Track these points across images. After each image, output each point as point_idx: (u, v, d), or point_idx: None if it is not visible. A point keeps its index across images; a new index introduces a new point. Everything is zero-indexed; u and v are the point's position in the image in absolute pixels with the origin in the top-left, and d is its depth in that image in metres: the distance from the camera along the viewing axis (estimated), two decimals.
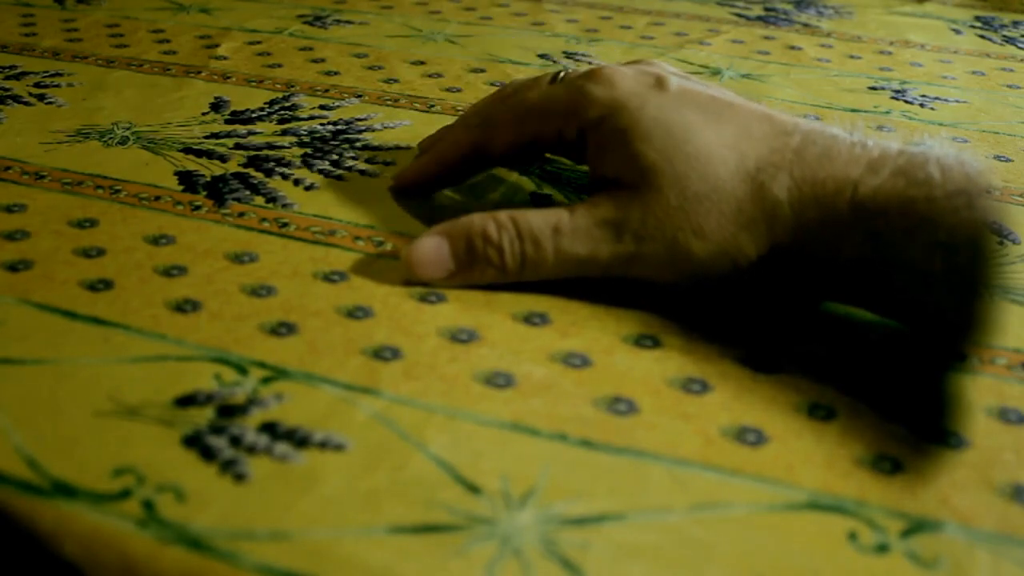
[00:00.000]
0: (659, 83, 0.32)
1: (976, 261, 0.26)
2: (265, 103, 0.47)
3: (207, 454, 0.25)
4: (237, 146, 0.42)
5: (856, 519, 0.24)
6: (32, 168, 0.40)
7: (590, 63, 0.54)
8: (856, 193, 0.28)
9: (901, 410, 0.28)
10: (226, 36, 0.56)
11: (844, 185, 0.28)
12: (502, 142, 0.34)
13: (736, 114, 0.31)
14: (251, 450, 0.25)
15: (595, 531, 0.23)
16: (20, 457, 0.25)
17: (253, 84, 0.49)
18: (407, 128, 0.44)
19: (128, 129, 0.43)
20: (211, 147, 0.42)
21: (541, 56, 0.55)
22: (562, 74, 0.36)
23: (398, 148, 0.42)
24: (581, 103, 0.32)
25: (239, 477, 0.24)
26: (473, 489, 0.24)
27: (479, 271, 0.31)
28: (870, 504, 0.24)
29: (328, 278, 0.33)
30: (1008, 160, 0.44)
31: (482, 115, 0.35)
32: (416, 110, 0.46)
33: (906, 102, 0.50)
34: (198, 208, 0.37)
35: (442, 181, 0.38)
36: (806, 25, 0.63)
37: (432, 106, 0.47)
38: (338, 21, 0.60)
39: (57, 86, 0.48)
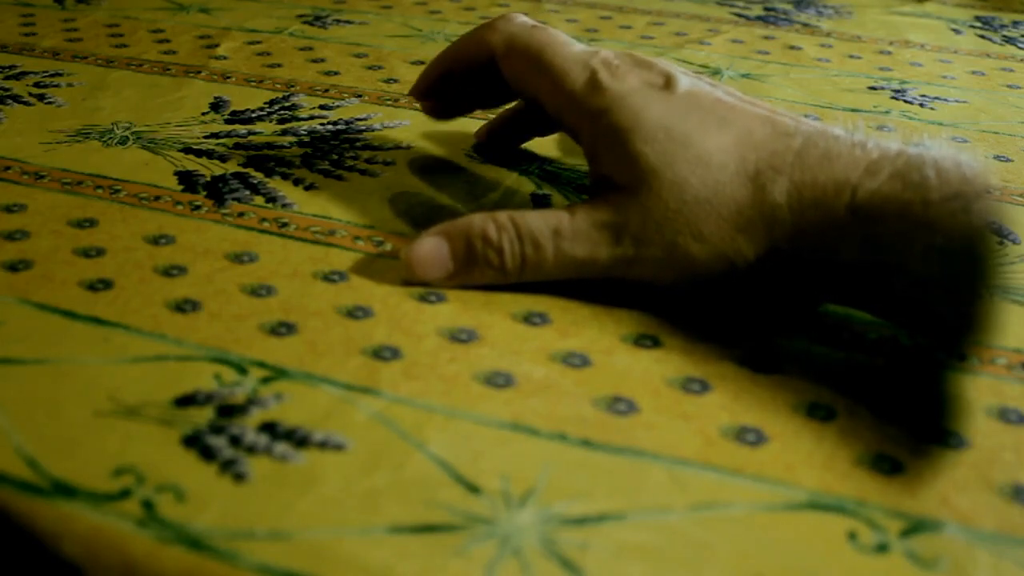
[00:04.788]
0: (668, 83, 0.32)
1: (973, 265, 0.26)
2: (265, 103, 0.47)
3: (207, 454, 0.25)
4: (237, 146, 0.42)
5: (856, 519, 0.24)
6: (32, 168, 0.40)
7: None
8: (855, 197, 0.28)
9: (901, 410, 0.28)
10: (226, 36, 0.56)
11: (843, 188, 0.28)
12: (512, 74, 0.35)
13: (739, 117, 0.31)
14: (251, 450, 0.25)
15: (595, 531, 0.23)
16: (20, 457, 0.25)
17: (253, 84, 0.49)
18: (407, 128, 0.44)
19: (128, 129, 0.43)
20: (211, 147, 0.42)
21: None
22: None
23: (398, 148, 0.42)
24: (590, 91, 0.32)
25: (239, 477, 0.24)
26: (473, 489, 0.24)
27: (478, 272, 0.31)
28: (870, 504, 0.24)
29: (328, 278, 0.33)
30: (1008, 160, 0.44)
31: (515, 37, 0.35)
32: (416, 110, 0.46)
33: (906, 102, 0.50)
34: (198, 208, 0.37)
35: (451, 79, 0.38)
36: (806, 25, 0.63)
37: None
38: (338, 21, 0.60)
39: (57, 86, 0.48)
